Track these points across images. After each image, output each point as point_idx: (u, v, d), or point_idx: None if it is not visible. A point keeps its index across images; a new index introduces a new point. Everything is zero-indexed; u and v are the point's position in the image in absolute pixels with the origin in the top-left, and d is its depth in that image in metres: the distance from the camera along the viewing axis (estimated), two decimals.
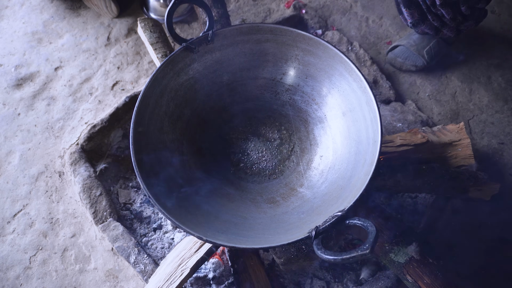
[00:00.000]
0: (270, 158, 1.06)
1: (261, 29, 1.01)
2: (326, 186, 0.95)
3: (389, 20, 1.62)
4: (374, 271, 1.06)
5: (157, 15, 1.63)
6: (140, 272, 1.05)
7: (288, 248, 0.96)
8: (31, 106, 1.42)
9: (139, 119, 0.89)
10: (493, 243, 1.10)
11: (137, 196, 1.23)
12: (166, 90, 0.97)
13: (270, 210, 0.96)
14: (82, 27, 1.62)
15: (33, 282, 1.10)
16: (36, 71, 1.50)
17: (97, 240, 1.15)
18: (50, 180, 1.26)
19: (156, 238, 1.15)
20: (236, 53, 1.04)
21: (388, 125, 1.31)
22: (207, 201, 0.94)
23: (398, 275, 0.93)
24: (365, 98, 0.90)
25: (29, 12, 1.67)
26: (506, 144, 1.31)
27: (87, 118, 1.38)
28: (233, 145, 1.09)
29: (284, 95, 1.10)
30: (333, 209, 0.81)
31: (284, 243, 0.75)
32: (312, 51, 1.00)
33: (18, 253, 1.14)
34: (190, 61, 1.00)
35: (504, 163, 1.28)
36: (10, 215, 1.21)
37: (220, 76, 1.06)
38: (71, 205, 1.22)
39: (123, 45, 1.57)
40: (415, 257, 0.89)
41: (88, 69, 1.51)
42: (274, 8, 1.67)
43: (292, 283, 1.06)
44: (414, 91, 1.46)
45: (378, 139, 0.83)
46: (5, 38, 1.59)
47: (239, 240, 0.82)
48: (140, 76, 1.49)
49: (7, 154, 1.32)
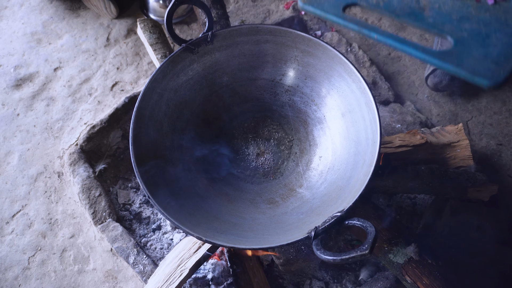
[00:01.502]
0: (269, 158, 1.06)
1: (261, 30, 1.01)
2: (326, 187, 0.95)
3: (388, 22, 1.62)
4: (373, 272, 1.06)
5: (156, 16, 1.63)
6: (139, 272, 1.05)
7: (287, 248, 0.96)
8: (30, 107, 1.42)
9: (138, 119, 0.89)
10: (491, 244, 1.10)
11: (136, 197, 1.23)
12: (166, 91, 0.97)
13: (269, 211, 0.96)
14: (82, 27, 1.62)
15: (31, 283, 1.10)
16: (35, 72, 1.50)
17: (96, 240, 1.15)
18: (49, 181, 1.26)
19: (155, 238, 1.15)
20: (236, 54, 1.05)
21: (387, 126, 1.32)
22: (206, 202, 0.94)
23: (397, 276, 0.94)
24: (364, 99, 0.91)
25: (28, 12, 1.66)
26: (505, 145, 1.32)
27: (87, 119, 1.38)
28: (233, 145, 1.09)
29: (284, 96, 1.10)
30: (332, 210, 0.81)
31: (283, 243, 0.75)
32: (311, 52, 1.00)
33: (17, 254, 1.14)
34: (189, 62, 1.00)
35: (502, 164, 1.28)
36: (9, 216, 1.20)
37: (219, 77, 1.07)
38: (70, 206, 1.21)
39: (123, 45, 1.57)
40: (414, 258, 0.90)
41: (88, 70, 1.51)
42: (274, 9, 1.67)
43: (291, 283, 1.06)
44: (413, 92, 1.46)
45: (377, 140, 0.83)
46: (4, 38, 1.59)
47: (238, 240, 0.82)
48: (140, 76, 1.49)
49: (6, 154, 1.31)
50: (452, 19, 0.55)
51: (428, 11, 0.57)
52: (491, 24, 0.53)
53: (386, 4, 0.58)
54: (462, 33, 0.53)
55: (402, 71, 1.52)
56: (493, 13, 0.55)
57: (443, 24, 0.55)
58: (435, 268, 0.89)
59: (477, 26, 0.54)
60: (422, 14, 0.56)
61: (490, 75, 0.49)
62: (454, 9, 0.56)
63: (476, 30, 0.53)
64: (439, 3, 0.57)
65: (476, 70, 0.49)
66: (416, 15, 0.56)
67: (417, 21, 0.56)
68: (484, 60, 0.50)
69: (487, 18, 0.54)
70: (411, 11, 0.57)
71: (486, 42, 0.52)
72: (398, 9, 0.57)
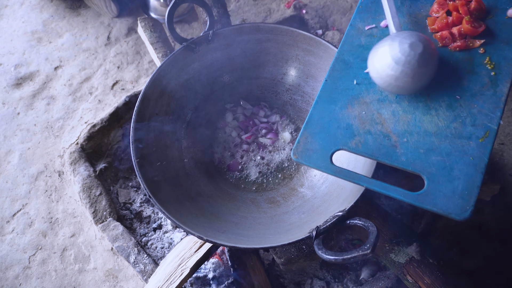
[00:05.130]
0: (271, 157, 1.06)
1: (262, 29, 1.01)
2: (327, 186, 0.95)
3: None
4: (374, 271, 1.05)
5: (157, 14, 1.63)
6: (139, 272, 1.05)
7: (288, 248, 0.96)
8: (31, 106, 1.42)
9: (139, 119, 0.89)
10: (493, 243, 1.10)
11: (137, 196, 1.23)
12: (167, 90, 0.97)
13: (270, 210, 0.96)
14: (82, 26, 1.62)
15: (32, 282, 1.10)
16: (36, 71, 1.50)
17: (96, 239, 1.15)
18: (49, 180, 1.26)
19: (156, 237, 1.15)
20: (237, 53, 1.04)
21: None
22: (207, 201, 0.94)
23: (398, 275, 0.93)
24: None
25: (28, 11, 1.66)
26: (506, 145, 1.31)
27: (87, 118, 1.38)
28: (233, 144, 1.09)
29: (285, 95, 1.10)
30: (333, 209, 0.81)
31: (284, 243, 0.75)
32: (312, 51, 1.00)
33: (18, 253, 1.14)
34: (190, 61, 1.00)
35: (504, 163, 1.27)
36: (10, 215, 1.20)
37: (220, 75, 1.06)
38: (71, 205, 1.21)
39: (123, 44, 1.57)
40: (415, 257, 0.89)
41: (88, 69, 1.51)
42: (275, 8, 1.67)
43: (292, 283, 1.06)
44: None
45: None
46: (4, 37, 1.59)
47: (239, 240, 0.82)
48: (140, 75, 1.49)
49: (7, 153, 1.31)
50: (420, 153, 0.63)
51: (400, 147, 0.63)
52: (451, 153, 0.61)
53: (364, 146, 0.65)
54: (431, 168, 0.61)
55: None
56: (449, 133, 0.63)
57: (414, 161, 0.62)
58: (436, 268, 0.88)
59: (442, 158, 0.61)
60: (395, 151, 0.63)
61: (459, 211, 0.57)
62: (420, 141, 0.63)
63: (441, 163, 0.61)
64: (406, 136, 0.64)
65: (448, 209, 0.58)
66: (390, 155, 0.64)
67: (393, 161, 0.63)
68: (453, 196, 0.58)
69: (448, 148, 0.62)
70: (386, 150, 0.64)
71: (451, 176, 0.60)
72: (375, 149, 0.64)
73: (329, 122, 0.69)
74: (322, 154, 0.66)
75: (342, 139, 0.66)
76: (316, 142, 0.67)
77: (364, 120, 0.67)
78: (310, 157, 0.66)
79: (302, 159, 0.66)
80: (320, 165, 0.65)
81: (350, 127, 0.67)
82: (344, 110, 0.69)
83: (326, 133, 0.68)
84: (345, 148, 0.66)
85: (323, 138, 0.67)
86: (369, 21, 0.77)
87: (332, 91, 0.72)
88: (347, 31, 0.77)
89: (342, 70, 0.74)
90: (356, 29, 0.77)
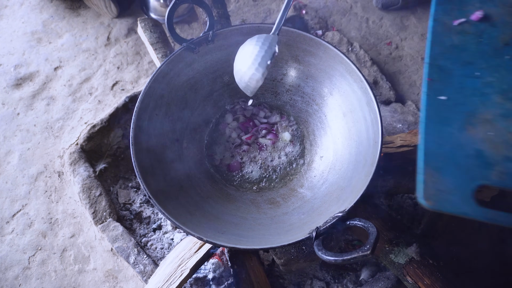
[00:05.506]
0: (271, 158, 1.06)
1: (262, 30, 1.00)
2: (327, 187, 0.95)
3: (389, 21, 1.62)
4: (374, 272, 1.05)
5: (157, 15, 1.63)
6: (139, 272, 1.05)
7: (288, 248, 0.96)
8: (31, 106, 1.42)
9: (139, 119, 0.89)
10: (493, 244, 1.10)
11: (137, 196, 1.23)
12: (167, 91, 0.97)
13: (270, 211, 0.96)
14: (82, 27, 1.62)
15: (32, 282, 1.10)
16: (36, 71, 1.50)
17: (96, 240, 1.15)
18: (49, 180, 1.26)
19: (156, 238, 1.15)
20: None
21: (388, 126, 1.31)
22: (207, 202, 0.94)
23: (398, 276, 0.93)
24: (365, 98, 0.90)
25: (28, 11, 1.66)
26: None
27: (87, 118, 1.38)
28: (234, 145, 1.09)
29: (285, 95, 1.10)
30: (333, 210, 0.81)
31: (284, 243, 0.75)
32: (312, 52, 0.99)
33: (17, 253, 1.14)
34: (190, 61, 1.00)
35: None
36: (9, 215, 1.20)
37: (220, 76, 1.06)
38: (71, 205, 1.21)
39: (123, 45, 1.57)
40: (415, 258, 0.89)
41: (88, 69, 1.50)
42: (274, 8, 1.67)
43: (292, 284, 1.06)
44: (414, 92, 1.46)
45: (378, 140, 0.83)
46: (4, 37, 1.59)
47: (239, 240, 0.81)
48: (140, 76, 1.49)
49: (6, 154, 1.31)
50: None
51: None
52: None
53: (510, 177, 0.51)
54: None
55: (403, 70, 1.51)
56: None
57: None
58: (436, 269, 0.88)
59: None
60: None
61: None
62: None
63: None
64: None
65: None
66: None
67: None
68: None
69: None
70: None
71: None
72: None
73: (453, 151, 0.54)
74: (461, 195, 0.51)
75: (478, 171, 0.52)
76: (447, 180, 0.52)
77: (496, 143, 0.53)
78: (447, 200, 0.51)
79: (439, 205, 0.51)
80: (466, 210, 0.49)
81: (481, 154, 0.53)
82: (464, 132, 0.55)
83: (456, 166, 0.53)
84: (487, 182, 0.51)
85: (454, 173, 0.52)
86: (455, 14, 0.63)
87: (439, 108, 0.57)
88: (431, 28, 0.64)
89: (443, 79, 0.59)
90: (442, 24, 0.63)
